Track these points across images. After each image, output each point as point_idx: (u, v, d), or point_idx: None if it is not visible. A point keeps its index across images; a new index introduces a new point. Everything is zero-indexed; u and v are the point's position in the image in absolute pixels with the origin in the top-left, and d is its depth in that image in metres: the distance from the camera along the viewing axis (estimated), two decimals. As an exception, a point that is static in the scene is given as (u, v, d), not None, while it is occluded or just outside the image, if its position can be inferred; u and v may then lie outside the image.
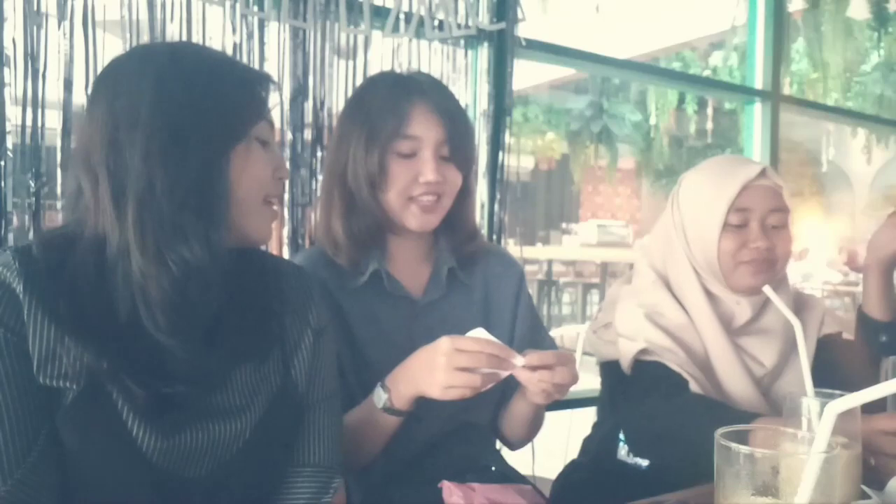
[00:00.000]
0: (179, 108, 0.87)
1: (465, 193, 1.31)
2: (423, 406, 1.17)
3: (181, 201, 0.86)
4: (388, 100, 1.23)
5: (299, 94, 2.11)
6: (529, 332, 1.38)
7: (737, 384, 1.30)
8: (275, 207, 0.98)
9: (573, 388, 1.15)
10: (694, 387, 1.25)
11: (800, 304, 1.41)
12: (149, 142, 0.85)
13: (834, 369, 1.28)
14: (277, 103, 2.05)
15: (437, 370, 1.06)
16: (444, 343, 1.07)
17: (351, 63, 2.22)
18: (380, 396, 1.13)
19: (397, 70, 1.41)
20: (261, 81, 0.96)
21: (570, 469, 1.47)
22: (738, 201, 1.28)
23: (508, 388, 1.27)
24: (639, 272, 1.42)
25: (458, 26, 2.27)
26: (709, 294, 1.33)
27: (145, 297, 0.85)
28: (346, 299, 1.25)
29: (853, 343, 1.39)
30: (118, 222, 0.85)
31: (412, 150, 1.22)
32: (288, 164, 1.98)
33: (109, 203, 0.85)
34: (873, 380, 1.24)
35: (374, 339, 1.25)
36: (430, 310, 1.30)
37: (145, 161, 0.85)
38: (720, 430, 0.68)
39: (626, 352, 1.32)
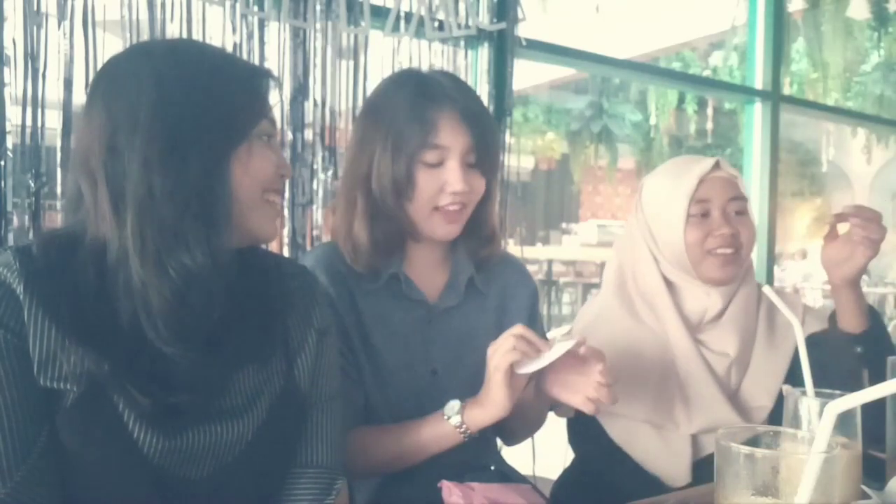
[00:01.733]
0: (180, 111, 0.85)
1: (487, 197, 1.28)
2: (424, 407, 1.17)
3: (182, 207, 0.84)
4: (414, 107, 1.20)
5: (300, 93, 2.11)
6: None
7: (700, 387, 1.31)
8: (276, 203, 0.96)
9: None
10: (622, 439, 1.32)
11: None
12: (148, 147, 0.83)
13: (817, 368, 1.28)
14: (278, 102, 2.05)
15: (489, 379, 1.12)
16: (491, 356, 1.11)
17: (351, 63, 2.22)
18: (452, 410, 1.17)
19: (418, 69, 1.37)
20: (262, 78, 0.94)
21: (571, 469, 1.47)
22: (698, 193, 1.32)
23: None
24: (602, 285, 1.46)
25: (459, 26, 2.27)
26: (676, 292, 1.35)
27: (146, 306, 0.84)
28: (363, 299, 1.24)
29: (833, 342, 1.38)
30: (117, 229, 0.84)
31: (439, 160, 1.19)
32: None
33: (108, 209, 0.84)
34: (857, 378, 1.25)
35: (388, 341, 1.24)
36: (445, 315, 1.29)
37: (145, 166, 0.83)
38: (720, 431, 0.68)
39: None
